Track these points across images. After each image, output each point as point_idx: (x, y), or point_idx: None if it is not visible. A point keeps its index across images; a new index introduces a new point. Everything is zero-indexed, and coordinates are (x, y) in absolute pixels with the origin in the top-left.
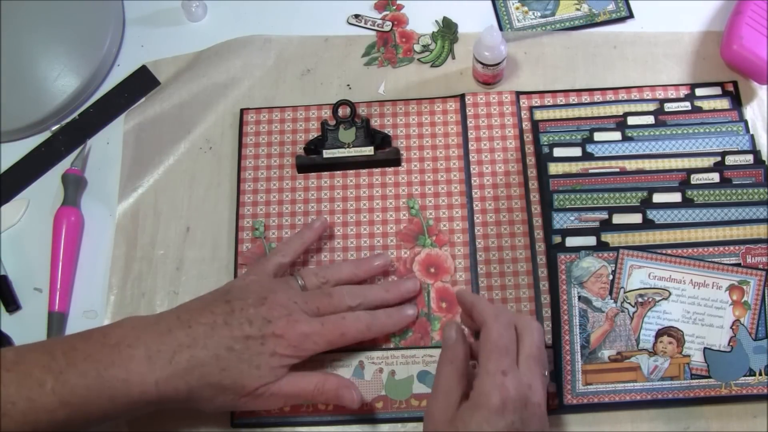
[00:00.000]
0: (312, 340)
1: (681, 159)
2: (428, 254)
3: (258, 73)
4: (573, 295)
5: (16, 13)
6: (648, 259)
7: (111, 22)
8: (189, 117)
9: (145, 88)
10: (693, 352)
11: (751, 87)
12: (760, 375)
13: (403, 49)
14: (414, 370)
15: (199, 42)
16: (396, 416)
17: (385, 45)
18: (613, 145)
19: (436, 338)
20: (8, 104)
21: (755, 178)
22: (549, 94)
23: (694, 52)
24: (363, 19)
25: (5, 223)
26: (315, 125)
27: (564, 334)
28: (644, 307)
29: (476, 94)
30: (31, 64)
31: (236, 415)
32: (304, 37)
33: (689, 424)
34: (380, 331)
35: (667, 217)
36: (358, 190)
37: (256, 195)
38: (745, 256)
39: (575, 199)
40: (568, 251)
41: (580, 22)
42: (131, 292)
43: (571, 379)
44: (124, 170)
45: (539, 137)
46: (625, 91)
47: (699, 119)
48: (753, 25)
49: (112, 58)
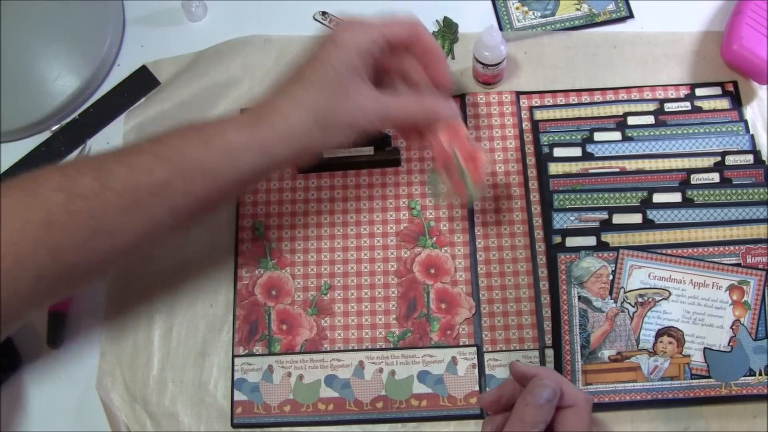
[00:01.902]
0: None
1: (681, 159)
2: (429, 255)
3: (258, 73)
4: (573, 295)
5: (16, 13)
6: (648, 259)
7: (111, 22)
8: (189, 117)
9: (145, 88)
10: (693, 352)
11: (751, 87)
12: (760, 375)
13: (472, 176)
14: (414, 370)
15: (199, 42)
16: (396, 416)
17: (449, 173)
18: (613, 145)
19: (435, 339)
20: (8, 104)
21: (755, 178)
22: (549, 94)
23: (694, 52)
24: (329, 18)
25: None
26: None
27: (564, 334)
28: (644, 307)
29: (476, 94)
30: (31, 64)
31: (236, 415)
32: (304, 37)
33: (689, 424)
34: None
35: (667, 217)
36: (358, 190)
37: (256, 195)
38: (745, 256)
39: (575, 199)
40: (568, 251)
41: (580, 22)
42: (132, 293)
43: (571, 379)
44: None
45: (539, 137)
46: (625, 91)
47: (699, 119)
48: (753, 25)
49: (112, 58)
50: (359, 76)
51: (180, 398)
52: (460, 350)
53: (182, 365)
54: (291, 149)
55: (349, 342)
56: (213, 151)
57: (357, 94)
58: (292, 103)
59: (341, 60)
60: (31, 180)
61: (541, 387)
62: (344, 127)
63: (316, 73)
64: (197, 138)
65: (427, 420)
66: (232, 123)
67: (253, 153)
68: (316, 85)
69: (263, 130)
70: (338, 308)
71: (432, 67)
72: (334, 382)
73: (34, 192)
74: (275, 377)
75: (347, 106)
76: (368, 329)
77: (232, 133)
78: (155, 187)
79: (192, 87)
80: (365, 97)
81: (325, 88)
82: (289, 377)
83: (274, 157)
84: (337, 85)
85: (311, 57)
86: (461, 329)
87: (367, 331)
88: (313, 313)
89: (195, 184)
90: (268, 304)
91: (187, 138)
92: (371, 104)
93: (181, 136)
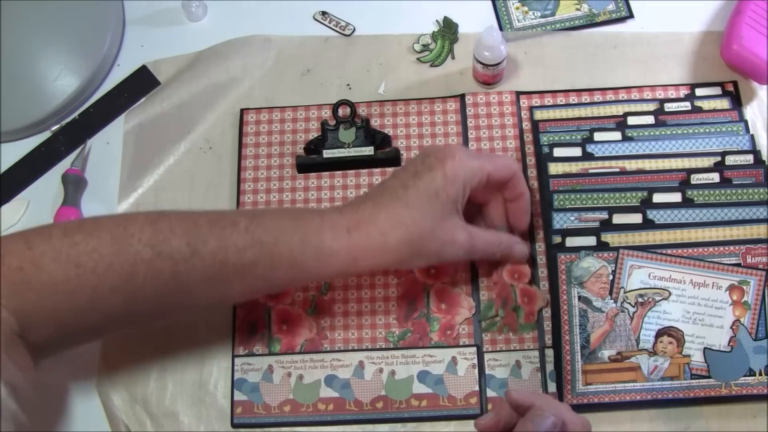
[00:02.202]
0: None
1: (681, 159)
2: None
3: (258, 73)
4: (573, 295)
5: (16, 13)
6: (648, 259)
7: (111, 22)
8: (189, 117)
9: (145, 88)
10: (693, 352)
11: (751, 87)
12: (760, 375)
13: (525, 312)
14: (414, 370)
15: (199, 42)
16: (396, 416)
17: (504, 306)
18: (613, 145)
19: (435, 339)
20: (8, 104)
21: (755, 178)
22: (549, 94)
23: (694, 52)
24: (329, 18)
25: (5, 223)
26: (315, 125)
27: (564, 334)
28: (644, 307)
29: (476, 94)
30: (31, 64)
31: (236, 415)
32: (304, 37)
33: (689, 424)
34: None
35: (667, 217)
36: (358, 190)
37: (256, 195)
38: (745, 256)
39: (575, 199)
40: (568, 251)
41: (580, 22)
42: None
43: (571, 379)
44: (124, 170)
45: (539, 137)
46: (625, 91)
47: (699, 119)
48: (753, 25)
49: (112, 58)
50: (456, 207)
51: (180, 398)
52: (460, 350)
53: (182, 365)
54: (378, 263)
55: (349, 342)
56: (307, 251)
57: (453, 226)
58: (391, 221)
59: (448, 192)
60: (121, 226)
61: (541, 417)
62: (432, 254)
63: (420, 198)
64: (294, 231)
65: (427, 420)
66: (330, 223)
67: (342, 260)
68: (418, 209)
69: (357, 239)
70: (338, 308)
71: (516, 210)
72: (334, 382)
73: (123, 242)
74: (275, 377)
75: (441, 235)
76: (368, 329)
77: (328, 236)
78: (242, 267)
79: (192, 87)
80: (459, 229)
81: (426, 215)
82: (289, 377)
83: (360, 267)
84: (438, 214)
85: (417, 177)
86: (461, 329)
87: (367, 331)
88: (313, 313)
89: (279, 273)
90: (268, 304)
91: (284, 228)
92: (462, 237)
93: (278, 222)
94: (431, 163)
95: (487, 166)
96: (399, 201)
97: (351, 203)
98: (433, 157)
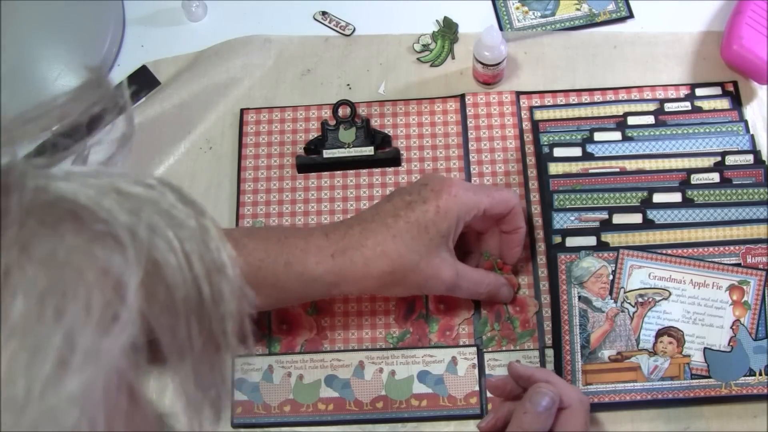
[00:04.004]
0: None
1: (681, 159)
2: None
3: (258, 73)
4: (573, 295)
5: (16, 13)
6: (648, 259)
7: (111, 22)
8: (189, 117)
9: (145, 88)
10: (693, 352)
11: (751, 87)
12: (760, 375)
13: (520, 320)
14: (414, 370)
15: (199, 42)
16: (396, 416)
17: (498, 319)
18: (613, 145)
19: (434, 340)
20: (8, 104)
21: (755, 178)
22: (549, 94)
23: (694, 52)
24: (329, 18)
25: None
26: (315, 125)
27: (564, 334)
28: (644, 307)
29: (476, 94)
30: (31, 64)
31: (236, 415)
32: (304, 37)
33: (689, 424)
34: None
35: (667, 217)
36: (358, 190)
37: (256, 195)
38: (745, 256)
39: (575, 199)
40: (568, 251)
41: (580, 22)
42: None
43: (571, 379)
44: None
45: (539, 137)
46: (625, 91)
47: (699, 119)
48: (753, 25)
49: (112, 58)
50: (447, 242)
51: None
52: (460, 350)
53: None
54: (360, 288)
55: (349, 342)
56: (290, 274)
57: (440, 261)
58: (377, 250)
59: (438, 227)
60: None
61: (540, 395)
62: (413, 286)
63: (409, 230)
64: (279, 254)
65: (427, 420)
66: (315, 248)
67: (325, 285)
68: (405, 243)
69: (341, 264)
70: (338, 308)
71: (509, 242)
72: (334, 382)
73: None
74: (275, 377)
75: (426, 269)
76: (368, 329)
77: (312, 261)
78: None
79: (192, 87)
80: (445, 265)
81: (412, 249)
82: (289, 377)
83: (342, 291)
84: (425, 249)
85: (410, 208)
86: (460, 329)
87: (367, 331)
88: (313, 313)
89: (262, 292)
90: None
91: (270, 251)
92: (447, 274)
93: (264, 244)
94: (426, 195)
95: (485, 202)
96: (388, 231)
97: (340, 226)
98: (429, 189)
